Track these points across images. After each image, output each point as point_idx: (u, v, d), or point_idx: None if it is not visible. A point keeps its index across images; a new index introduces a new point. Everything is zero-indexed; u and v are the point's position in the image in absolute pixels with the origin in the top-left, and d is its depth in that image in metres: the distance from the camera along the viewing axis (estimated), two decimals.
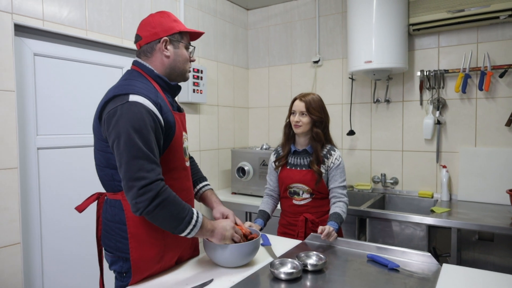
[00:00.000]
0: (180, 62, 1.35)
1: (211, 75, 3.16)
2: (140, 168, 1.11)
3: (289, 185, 1.87)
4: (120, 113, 1.14)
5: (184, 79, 1.40)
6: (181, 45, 1.35)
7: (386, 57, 2.55)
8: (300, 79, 3.33)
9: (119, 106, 1.15)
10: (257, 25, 3.57)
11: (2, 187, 1.81)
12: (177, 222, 1.18)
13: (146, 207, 1.11)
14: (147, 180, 1.10)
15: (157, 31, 1.30)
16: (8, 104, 1.83)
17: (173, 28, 1.32)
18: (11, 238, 1.85)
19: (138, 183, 1.10)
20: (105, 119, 1.18)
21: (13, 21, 1.85)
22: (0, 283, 1.81)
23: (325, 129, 1.86)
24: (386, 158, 2.94)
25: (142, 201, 1.10)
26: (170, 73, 1.35)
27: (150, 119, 1.16)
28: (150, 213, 1.13)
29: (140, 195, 1.10)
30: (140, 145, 1.12)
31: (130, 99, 1.16)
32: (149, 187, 1.10)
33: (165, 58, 1.32)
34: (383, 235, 2.36)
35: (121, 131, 1.12)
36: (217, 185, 3.25)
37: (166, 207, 1.14)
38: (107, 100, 1.19)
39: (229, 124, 3.41)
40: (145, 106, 1.16)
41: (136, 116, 1.13)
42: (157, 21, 1.32)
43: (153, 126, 1.17)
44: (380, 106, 2.95)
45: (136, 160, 1.11)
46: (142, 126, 1.13)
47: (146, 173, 1.11)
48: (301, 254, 1.43)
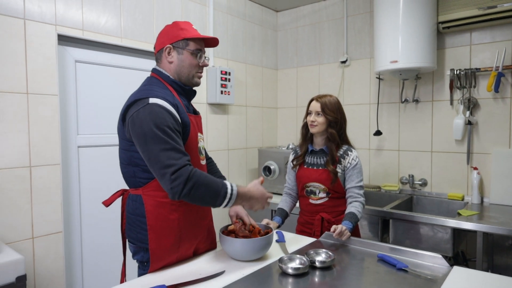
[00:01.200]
0: (184, 67, 1.43)
1: (239, 76, 3.26)
2: (169, 157, 1.22)
3: (305, 184, 1.92)
4: (143, 114, 1.26)
5: (192, 84, 1.48)
6: (186, 52, 1.42)
7: (412, 57, 2.51)
8: (328, 79, 3.34)
9: (141, 109, 1.27)
10: (286, 26, 3.63)
11: (47, 181, 2.03)
12: (214, 198, 1.27)
13: (181, 190, 1.21)
14: (177, 166, 1.21)
15: (164, 40, 1.43)
16: (52, 107, 2.04)
17: (178, 36, 1.41)
18: (54, 227, 2.06)
19: (168, 169, 1.21)
20: (129, 121, 1.30)
21: (57, 32, 2.05)
22: (44, 267, 2.03)
23: (341, 130, 1.89)
24: (415, 159, 2.89)
25: (176, 185, 1.20)
26: (179, 78, 1.45)
27: (170, 117, 1.28)
28: (187, 196, 1.23)
29: (173, 180, 1.20)
30: (165, 138, 1.23)
31: (150, 101, 1.28)
32: (179, 172, 1.21)
33: (170, 65, 1.43)
34: (407, 236, 2.34)
35: (145, 130, 1.24)
36: (245, 184, 3.35)
37: (200, 187, 1.23)
38: (129, 104, 1.32)
39: (257, 124, 3.50)
40: (164, 107, 1.28)
41: (157, 116, 1.25)
42: (165, 31, 1.45)
43: (173, 123, 1.28)
44: (408, 106, 2.90)
45: (163, 152, 1.22)
46: (163, 123, 1.25)
47: (175, 161, 1.21)
48: (311, 251, 1.48)
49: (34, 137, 1.97)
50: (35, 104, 1.97)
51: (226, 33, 3.11)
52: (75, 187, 2.25)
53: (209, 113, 2.99)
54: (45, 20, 2.00)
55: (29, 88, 1.95)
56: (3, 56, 1.85)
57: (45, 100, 2.01)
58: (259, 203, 1.43)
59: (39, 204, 2.00)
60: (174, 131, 1.27)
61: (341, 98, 3.25)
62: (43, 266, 2.02)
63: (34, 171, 1.98)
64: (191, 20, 2.80)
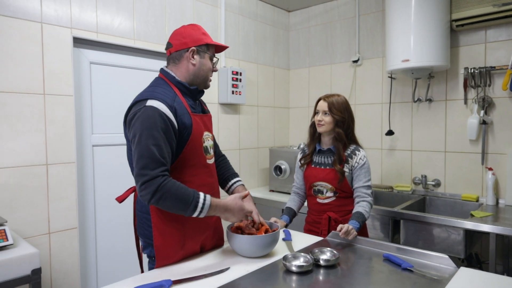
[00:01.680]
0: (203, 70, 1.49)
1: (251, 76, 3.29)
2: (145, 166, 1.26)
3: (313, 183, 1.93)
4: (138, 116, 1.31)
5: (205, 86, 1.55)
6: (207, 56, 1.49)
7: (425, 55, 2.48)
8: (339, 79, 3.33)
9: (137, 110, 1.32)
10: (298, 26, 3.63)
11: (62, 178, 2.10)
12: (184, 209, 1.30)
13: (149, 199, 1.27)
14: (148, 176, 1.25)
15: (187, 41, 1.45)
16: (67, 107, 2.11)
17: (202, 40, 1.47)
18: (69, 223, 2.14)
19: (141, 178, 1.26)
20: (127, 121, 1.36)
21: (72, 35, 2.13)
22: (59, 261, 2.11)
23: (348, 130, 1.89)
24: (428, 159, 2.84)
25: (145, 194, 1.26)
26: (193, 79, 1.49)
27: (162, 121, 1.30)
28: (156, 204, 1.29)
29: (142, 189, 1.26)
30: (148, 145, 1.27)
31: (147, 104, 1.32)
32: (149, 182, 1.25)
33: (191, 66, 1.46)
34: (418, 237, 2.31)
35: (136, 132, 1.29)
36: (256, 183, 3.37)
37: (168, 198, 1.27)
38: (131, 106, 1.37)
39: (269, 123, 3.52)
40: (159, 110, 1.31)
41: (149, 119, 1.29)
42: (188, 32, 1.47)
43: (164, 128, 1.31)
44: (421, 106, 2.86)
45: (142, 159, 1.27)
46: (153, 127, 1.28)
47: (149, 171, 1.26)
48: (315, 249, 1.49)
49: (50, 136, 2.05)
50: (51, 104, 2.05)
51: (238, 33, 3.14)
52: (90, 184, 2.32)
53: (220, 113, 3.03)
54: (61, 24, 2.07)
55: (45, 89, 2.02)
56: (22, 59, 1.93)
57: (61, 101, 2.09)
58: (235, 217, 1.44)
59: (55, 200, 2.07)
60: (162, 136, 1.29)
61: (353, 98, 3.23)
62: (58, 260, 2.10)
63: (51, 169, 2.05)
64: (203, 21, 2.85)
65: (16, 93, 1.92)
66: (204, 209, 1.33)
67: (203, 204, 1.33)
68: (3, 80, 1.88)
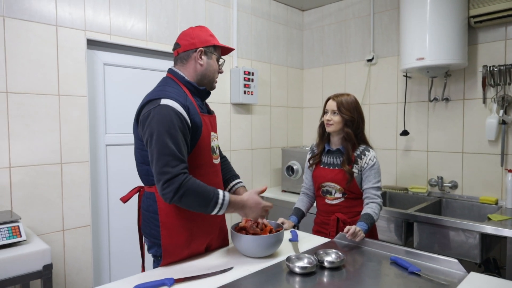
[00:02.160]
0: (210, 71, 1.50)
1: (264, 76, 3.28)
2: (166, 164, 1.27)
3: (321, 183, 1.90)
4: (153, 115, 1.32)
5: (211, 87, 1.56)
6: (214, 57, 1.50)
7: (441, 53, 2.40)
8: (353, 78, 3.28)
9: (152, 109, 1.33)
10: (312, 25, 3.60)
11: (76, 177, 2.16)
12: (205, 206, 1.32)
13: (172, 197, 1.28)
14: (170, 174, 1.26)
15: (195, 42, 1.47)
16: (81, 107, 2.17)
17: (209, 41, 1.48)
18: (82, 220, 2.19)
19: (163, 176, 1.27)
20: (141, 121, 1.37)
21: (86, 37, 2.18)
22: (73, 258, 2.16)
23: (358, 129, 1.85)
24: (444, 160, 2.76)
25: (167, 192, 1.27)
26: (201, 80, 1.50)
27: (178, 120, 1.32)
28: (178, 202, 1.30)
29: (165, 187, 1.27)
30: (168, 143, 1.28)
31: (161, 103, 1.33)
32: (172, 180, 1.26)
33: (198, 66, 1.48)
34: (432, 240, 2.25)
35: (153, 131, 1.30)
36: (268, 183, 3.36)
37: (191, 195, 1.29)
38: (143, 105, 1.38)
39: (282, 123, 3.50)
40: (174, 109, 1.32)
41: (165, 118, 1.30)
42: (196, 33, 1.49)
43: (181, 126, 1.32)
44: (438, 105, 2.78)
45: (163, 157, 1.28)
46: (170, 126, 1.30)
47: (171, 168, 1.27)
48: (320, 251, 1.47)
49: (64, 136, 2.10)
50: (65, 105, 2.10)
51: (250, 33, 3.14)
52: (103, 183, 2.37)
53: (232, 113, 3.04)
54: (75, 26, 2.13)
55: (60, 90, 2.08)
56: (37, 61, 2.00)
57: (75, 101, 2.14)
58: (254, 212, 1.45)
59: (69, 198, 2.13)
60: (180, 134, 1.31)
61: (367, 97, 3.17)
62: (72, 256, 2.15)
63: (65, 168, 2.11)
64: (215, 22, 2.86)
65: (32, 94, 1.99)
66: (224, 206, 1.35)
67: (223, 200, 1.35)
68: (20, 82, 1.95)
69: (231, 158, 3.02)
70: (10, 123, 1.92)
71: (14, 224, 1.63)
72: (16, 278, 1.53)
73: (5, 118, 1.91)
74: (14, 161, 1.94)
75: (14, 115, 1.93)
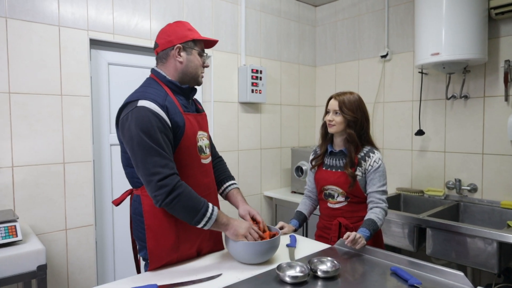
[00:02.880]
0: (192, 67, 1.44)
1: (273, 74, 3.20)
2: (155, 164, 1.23)
3: (323, 186, 1.81)
4: (131, 118, 1.28)
5: (197, 83, 1.49)
6: (194, 52, 1.43)
7: (457, 48, 2.25)
8: (367, 75, 3.15)
9: (129, 112, 1.29)
10: (324, 21, 3.48)
11: (79, 177, 2.16)
12: (193, 214, 1.28)
13: (164, 199, 1.24)
14: (162, 174, 1.23)
15: (172, 39, 1.42)
16: (84, 107, 2.17)
17: (187, 36, 1.42)
18: (85, 220, 2.20)
19: (154, 177, 1.23)
20: (120, 124, 1.34)
21: (89, 37, 2.18)
22: (77, 257, 2.17)
23: (362, 130, 1.75)
24: (463, 162, 2.60)
25: (160, 194, 1.23)
26: (183, 78, 1.44)
27: (157, 120, 1.28)
28: (168, 205, 1.26)
29: (158, 188, 1.23)
30: (150, 144, 1.24)
31: (138, 104, 1.29)
32: (165, 181, 1.23)
33: (178, 64, 1.42)
34: (446, 248, 2.11)
35: (132, 134, 1.26)
36: (278, 184, 3.29)
37: (182, 200, 1.26)
38: (121, 107, 1.35)
39: (292, 122, 3.41)
40: (151, 109, 1.28)
41: (143, 119, 1.26)
42: (172, 30, 1.44)
43: (160, 127, 1.28)
44: (456, 103, 2.62)
45: (150, 157, 1.24)
46: (149, 127, 1.26)
47: (161, 168, 1.23)
48: (314, 259, 1.39)
49: (67, 135, 2.11)
50: (68, 105, 2.11)
51: (259, 31, 3.07)
52: (108, 182, 2.38)
53: (240, 112, 2.98)
54: (77, 26, 2.13)
55: (63, 90, 2.09)
56: (40, 61, 2.01)
57: (78, 101, 2.15)
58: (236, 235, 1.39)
59: (71, 198, 2.14)
60: (160, 134, 1.27)
61: (381, 95, 3.04)
62: (75, 256, 2.16)
63: (67, 167, 2.12)
64: (222, 19, 2.81)
65: (35, 94, 2.00)
66: (211, 220, 1.32)
67: (210, 215, 1.32)
68: (23, 82, 1.96)
69: (239, 158, 2.97)
70: (13, 123, 1.94)
71: (11, 224, 1.64)
72: (11, 278, 1.54)
73: (8, 118, 1.93)
74: (17, 161, 1.96)
75: (16, 115, 1.95)
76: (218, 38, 2.79)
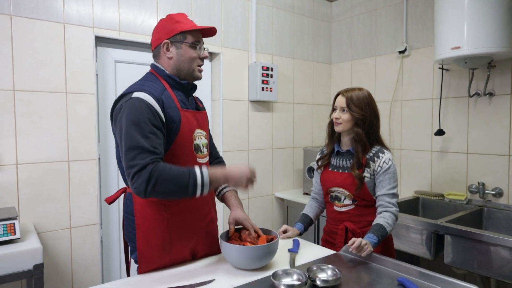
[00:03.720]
0: (184, 61, 1.37)
1: (286, 72, 3.11)
2: (134, 157, 1.17)
3: (329, 188, 1.71)
4: (124, 108, 1.23)
5: (194, 78, 1.42)
6: (184, 45, 1.36)
7: (480, 41, 2.08)
8: (384, 72, 3.00)
9: (123, 103, 1.25)
10: (340, 16, 3.35)
11: (83, 175, 2.15)
12: (184, 190, 1.19)
13: (145, 189, 1.16)
14: (139, 166, 1.16)
15: (160, 36, 1.37)
16: (89, 105, 2.15)
17: (174, 30, 1.35)
18: (90, 218, 2.18)
19: (132, 170, 1.17)
20: (113, 116, 1.29)
21: (94, 34, 2.16)
22: (81, 255, 2.16)
23: (371, 129, 1.63)
24: (487, 164, 2.41)
25: (139, 185, 1.16)
26: (178, 73, 1.39)
27: (149, 112, 1.22)
28: (153, 193, 1.17)
29: (135, 181, 1.16)
30: (136, 136, 1.18)
31: (133, 96, 1.24)
32: (141, 172, 1.15)
33: (169, 60, 1.37)
34: (467, 256, 1.95)
35: (122, 125, 1.21)
36: (290, 185, 3.19)
37: (164, 182, 1.16)
38: (117, 99, 1.30)
39: (306, 122, 3.30)
40: (145, 101, 1.23)
41: (136, 110, 1.21)
42: (161, 26, 1.39)
43: (152, 119, 1.22)
44: (480, 101, 2.43)
45: (132, 150, 1.18)
46: (140, 118, 1.20)
47: (139, 161, 1.16)
48: (314, 266, 1.29)
49: (72, 133, 2.10)
50: (73, 102, 2.10)
51: (271, 27, 2.98)
52: (114, 180, 2.36)
53: (251, 111, 2.90)
54: (83, 23, 2.12)
55: (68, 87, 2.08)
56: (45, 59, 2.01)
57: (83, 99, 2.13)
58: (241, 180, 1.28)
59: (76, 196, 2.12)
60: (151, 127, 1.21)
61: (399, 93, 2.88)
62: (80, 254, 2.15)
63: (72, 165, 2.11)
64: (231, 16, 2.74)
65: (39, 92, 2.00)
66: (205, 184, 1.21)
67: (202, 178, 1.20)
68: (28, 80, 1.96)
69: (249, 158, 2.90)
70: (17, 121, 1.94)
71: (10, 222, 1.63)
72: (7, 276, 1.52)
73: (12, 116, 1.93)
74: (21, 159, 1.96)
75: (21, 113, 1.95)
76: (228, 35, 2.73)
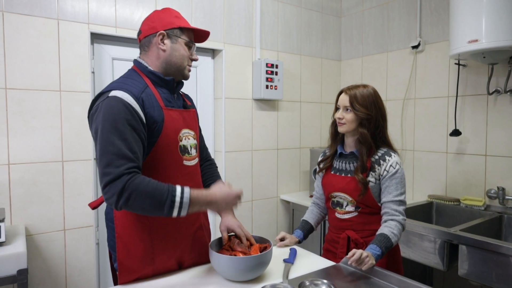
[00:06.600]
0: (176, 57, 1.29)
1: (292, 69, 2.98)
2: (108, 163, 1.07)
3: (331, 193, 1.58)
4: (100, 108, 1.14)
5: (183, 76, 1.34)
6: (180, 41, 1.29)
7: (500, 33, 1.91)
8: (396, 69, 2.83)
9: (100, 103, 1.16)
10: (351, 10, 3.20)
11: (78, 175, 2.08)
12: (159, 207, 1.09)
13: (116, 202, 1.07)
14: (112, 175, 1.06)
15: (155, 25, 1.28)
16: (83, 103, 2.08)
17: (173, 23, 1.28)
18: (85, 220, 2.12)
19: (105, 178, 1.07)
20: (90, 116, 1.20)
21: (89, 30, 2.09)
22: (76, 258, 2.10)
23: (377, 129, 1.50)
24: (508, 168, 2.23)
25: (110, 197, 1.07)
26: (166, 68, 1.30)
27: (127, 113, 1.13)
28: (125, 206, 1.08)
29: (106, 191, 1.07)
30: (112, 139, 1.09)
31: (110, 95, 1.15)
32: (114, 183, 1.06)
33: (161, 52, 1.28)
34: (483, 269, 1.79)
35: (98, 125, 1.12)
36: (297, 187, 3.06)
37: (138, 198, 1.07)
38: (94, 99, 1.21)
39: (314, 121, 3.17)
40: (123, 100, 1.14)
41: (112, 110, 1.12)
42: (157, 16, 1.31)
43: (131, 120, 1.13)
44: (500, 99, 2.25)
45: (106, 155, 1.08)
46: (117, 119, 1.11)
47: (114, 169, 1.07)
48: (306, 281, 1.17)
49: (66, 133, 2.04)
50: (67, 101, 2.04)
51: (276, 22, 2.86)
52: None
53: (255, 110, 2.79)
54: (77, 20, 2.05)
55: (62, 85, 2.02)
56: (38, 56, 1.95)
57: (77, 97, 2.07)
58: (227, 204, 1.20)
59: (71, 197, 2.06)
60: (129, 129, 1.12)
61: (412, 91, 2.72)
62: (74, 257, 2.09)
63: (66, 166, 2.05)
64: (234, 10, 2.64)
65: (32, 90, 1.94)
66: (184, 205, 1.11)
67: (181, 198, 1.10)
68: (20, 78, 1.91)
69: (253, 158, 2.79)
70: (9, 120, 1.89)
71: None
72: None
73: (4, 114, 1.88)
74: (13, 158, 1.91)
75: (13, 112, 1.90)
76: (231, 30, 2.62)
